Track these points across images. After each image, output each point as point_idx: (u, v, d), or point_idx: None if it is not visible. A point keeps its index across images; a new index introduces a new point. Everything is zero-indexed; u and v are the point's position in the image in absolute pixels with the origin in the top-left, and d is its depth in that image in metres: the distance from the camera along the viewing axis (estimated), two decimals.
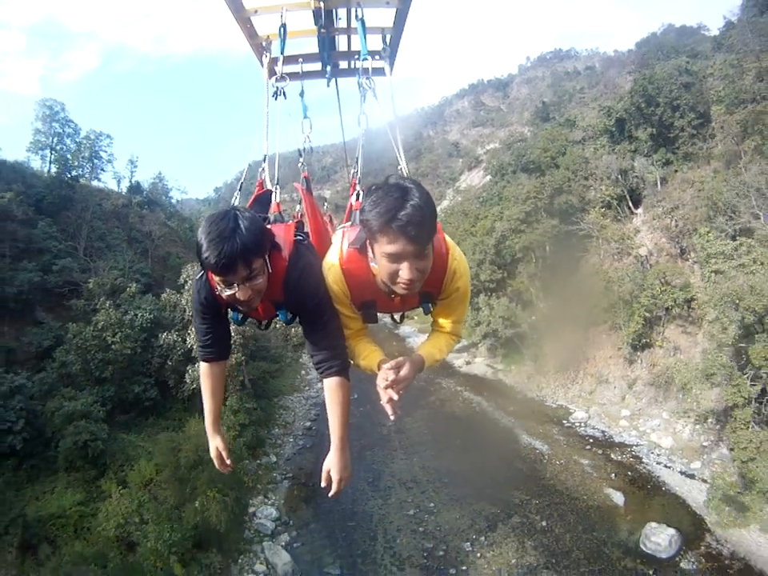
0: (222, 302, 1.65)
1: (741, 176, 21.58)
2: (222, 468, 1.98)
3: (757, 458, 12.28)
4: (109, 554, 10.75)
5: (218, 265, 1.40)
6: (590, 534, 13.96)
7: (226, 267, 1.41)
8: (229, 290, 1.48)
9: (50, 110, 42.94)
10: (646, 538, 13.72)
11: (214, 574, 11.74)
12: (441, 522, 13.95)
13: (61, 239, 31.07)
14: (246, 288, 1.48)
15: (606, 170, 32.42)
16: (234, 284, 1.47)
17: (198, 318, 1.80)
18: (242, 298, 1.49)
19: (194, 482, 12.53)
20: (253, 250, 1.44)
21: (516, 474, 16.48)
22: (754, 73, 32.92)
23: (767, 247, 14.78)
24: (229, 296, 1.51)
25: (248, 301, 1.52)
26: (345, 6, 2.46)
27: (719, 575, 12.98)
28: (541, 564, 12.62)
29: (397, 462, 17.47)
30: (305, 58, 2.68)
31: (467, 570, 12.41)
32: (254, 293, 1.51)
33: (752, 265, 14.15)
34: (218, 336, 1.83)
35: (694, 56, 50.26)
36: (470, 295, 1.77)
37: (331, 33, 2.60)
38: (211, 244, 1.40)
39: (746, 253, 14.87)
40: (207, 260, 1.41)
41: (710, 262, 16.13)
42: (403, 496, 15.41)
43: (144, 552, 10.64)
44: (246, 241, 1.41)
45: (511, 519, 13.80)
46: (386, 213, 1.35)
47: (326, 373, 1.67)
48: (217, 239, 1.39)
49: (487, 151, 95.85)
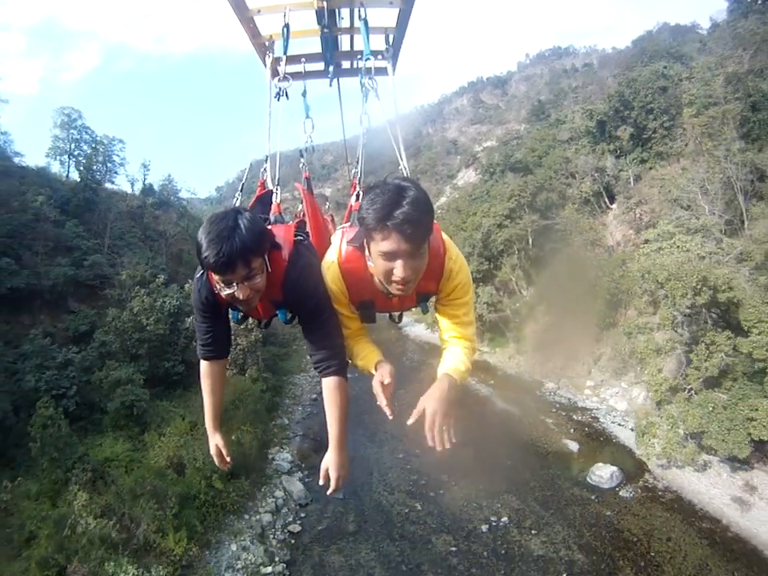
0: (223, 301, 1.68)
1: (690, 174, 24.92)
2: (222, 465, 2.04)
3: (671, 401, 15.65)
4: (164, 472, 14.27)
5: (217, 264, 1.44)
6: (546, 470, 17.42)
7: (225, 266, 1.44)
8: (228, 289, 1.51)
9: (67, 117, 46.41)
10: (592, 474, 17.16)
11: (244, 495, 15.28)
12: (424, 462, 17.42)
13: (87, 238, 34.70)
14: (245, 287, 1.51)
15: (584, 168, 35.82)
16: (233, 283, 1.50)
17: (199, 317, 1.83)
18: (240, 298, 1.52)
19: (229, 422, 16.07)
20: (252, 249, 1.47)
21: (490, 429, 19.93)
22: (723, 78, 36.08)
23: (691, 235, 18.14)
24: (228, 295, 1.54)
25: (247, 300, 1.55)
26: (348, 6, 2.49)
27: (652, 502, 16.37)
28: (503, 490, 16.10)
29: (390, 423, 20.95)
30: (307, 57, 2.72)
31: (443, 493, 15.94)
32: (252, 292, 1.54)
33: (668, 248, 17.47)
34: (218, 335, 1.85)
35: (679, 57, 53.41)
36: (472, 293, 1.76)
37: (334, 33, 2.64)
38: (211, 243, 1.43)
39: (668, 238, 18.23)
40: (206, 259, 1.45)
41: (641, 248, 19.51)
42: (394, 445, 18.92)
43: (192, 471, 14.12)
44: (245, 240, 1.44)
45: (483, 460, 17.23)
46: (381, 210, 1.38)
47: (324, 372, 1.70)
48: (216, 239, 1.43)
49: (484, 149, 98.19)
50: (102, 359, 23.67)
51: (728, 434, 13.92)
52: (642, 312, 17.92)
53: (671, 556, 13.77)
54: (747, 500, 16.25)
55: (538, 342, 28.93)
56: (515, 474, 17.07)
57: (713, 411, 14.20)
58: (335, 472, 1.72)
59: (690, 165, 31.39)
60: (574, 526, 14.43)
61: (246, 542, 13.67)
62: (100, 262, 30.66)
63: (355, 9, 2.38)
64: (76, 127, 48.00)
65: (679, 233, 18.51)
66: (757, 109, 26.98)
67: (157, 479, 13.59)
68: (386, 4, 2.34)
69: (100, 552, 10.46)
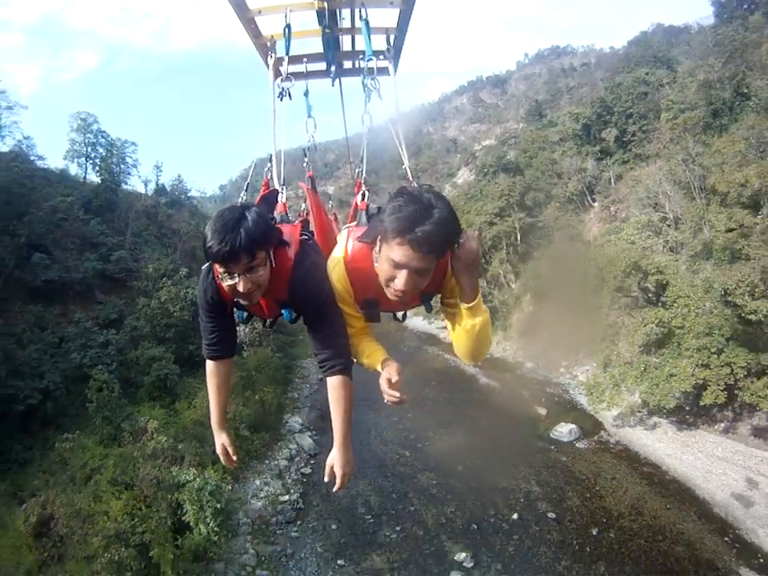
0: (228, 300, 1.72)
1: (656, 176, 28.30)
2: (229, 464, 2.11)
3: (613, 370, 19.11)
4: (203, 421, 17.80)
5: (221, 252, 1.46)
6: (516, 429, 20.92)
7: (228, 255, 1.47)
8: (230, 280, 1.54)
9: (84, 121, 49.89)
10: (555, 431, 20.65)
11: (265, 445, 18.87)
12: (414, 423, 20.98)
13: (110, 235, 38.35)
14: (246, 279, 1.53)
15: (568, 169, 39.22)
16: (235, 274, 1.52)
17: (204, 317, 1.86)
18: (241, 290, 1.54)
19: (254, 385, 19.66)
20: (256, 240, 1.49)
21: (472, 397, 23.44)
22: (696, 85, 39.26)
23: (638, 230, 21.46)
24: (229, 286, 1.57)
25: (248, 293, 1.58)
26: (349, 7, 2.53)
27: (602, 452, 19.81)
28: (478, 442, 19.58)
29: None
30: (309, 58, 2.75)
31: (429, 444, 19.50)
32: (254, 285, 1.56)
33: (617, 241, 20.80)
34: (223, 335, 1.89)
35: (667, 61, 56.46)
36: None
37: (335, 33, 2.68)
38: (215, 233, 1.48)
39: (619, 231, 21.55)
40: (210, 248, 1.50)
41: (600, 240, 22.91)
42: (390, 412, 22.41)
43: None
44: (249, 231, 1.48)
45: (463, 421, 20.75)
46: (406, 221, 1.38)
47: (329, 371, 1.73)
48: (221, 229, 1.48)
49: (483, 147, 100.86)
50: (133, 342, 27.27)
51: (656, 388, 17.30)
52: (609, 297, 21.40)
53: (613, 490, 17.19)
54: (686, 452, 19.64)
55: (522, 329, 32.38)
56: (490, 431, 20.57)
57: (645, 371, 17.54)
58: (340, 470, 1.76)
59: (664, 165, 34.81)
60: (534, 468, 17.92)
61: (267, 479, 17.29)
62: (125, 257, 34.24)
63: (356, 9, 2.44)
64: (92, 131, 51.33)
65: (635, 228, 21.80)
66: (717, 115, 30.27)
67: (198, 426, 17.15)
68: (386, 4, 2.40)
69: (165, 462, 14.03)
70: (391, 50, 2.56)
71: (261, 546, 14.42)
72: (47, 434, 20.31)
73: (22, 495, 16.61)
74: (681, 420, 20.44)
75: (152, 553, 11.70)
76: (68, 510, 12.88)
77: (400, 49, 2.65)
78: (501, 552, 14.04)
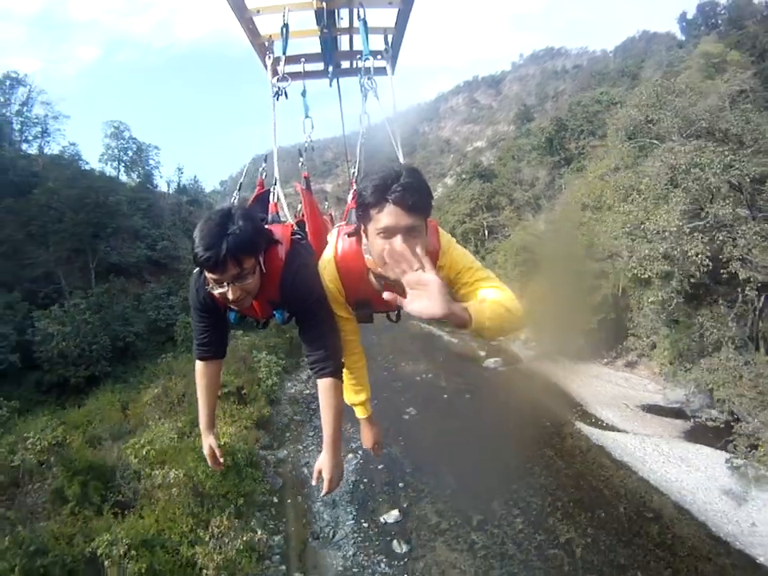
0: (220, 302, 1.79)
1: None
2: (216, 466, 2.25)
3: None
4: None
5: (208, 262, 1.54)
6: (460, 362, 31.78)
7: (216, 265, 1.54)
8: (219, 288, 1.63)
9: (116, 129, 60.36)
10: (486, 362, 31.56)
11: (293, 368, 29.75)
12: (404, 372, 31.71)
13: (151, 228, 49.12)
14: (236, 288, 1.62)
15: (527, 177, 50.16)
16: (224, 283, 1.61)
17: (196, 317, 1.98)
18: (231, 298, 1.63)
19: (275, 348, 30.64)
20: (243, 249, 1.56)
21: (435, 351, 34.37)
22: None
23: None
24: (220, 294, 1.66)
25: (238, 300, 1.67)
26: (347, 6, 2.65)
27: (514, 373, 30.14)
28: (434, 370, 30.48)
29: (377, 363, 35.19)
30: (307, 57, 2.90)
31: (394, 370, 30.45)
32: (243, 293, 1.65)
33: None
34: (214, 336, 2.01)
35: (633, 76, 67.04)
36: (474, 260, 1.80)
37: (333, 33, 2.81)
38: (202, 242, 1.55)
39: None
40: (198, 257, 1.56)
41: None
42: (384, 368, 33.29)
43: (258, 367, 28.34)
44: (236, 240, 1.54)
45: (429, 365, 31.65)
46: (381, 185, 1.48)
47: (319, 373, 1.84)
48: (207, 237, 1.54)
49: (474, 149, 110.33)
50: (185, 309, 38.03)
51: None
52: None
53: (517, 396, 28.04)
54: (574, 372, 30.58)
55: None
56: (445, 364, 31.44)
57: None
58: (328, 474, 1.86)
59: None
60: (465, 379, 28.53)
61: (294, 382, 28.06)
62: (168, 246, 44.87)
63: (354, 9, 2.55)
64: (124, 138, 61.84)
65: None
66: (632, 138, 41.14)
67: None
68: (384, 4, 2.52)
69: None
70: (389, 50, 2.73)
71: None
72: (137, 363, 30.88)
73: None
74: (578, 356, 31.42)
75: (244, 391, 21.96)
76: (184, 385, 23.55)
77: (398, 49, 2.81)
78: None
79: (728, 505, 15.01)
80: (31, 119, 49.60)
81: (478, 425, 21.26)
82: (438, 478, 17.26)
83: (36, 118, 49.73)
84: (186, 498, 10.72)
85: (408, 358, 31.47)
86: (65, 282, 31.43)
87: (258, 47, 2.79)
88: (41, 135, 52.41)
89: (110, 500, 10.98)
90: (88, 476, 11.33)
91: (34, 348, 24.42)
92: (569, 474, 17.37)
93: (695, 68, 39.87)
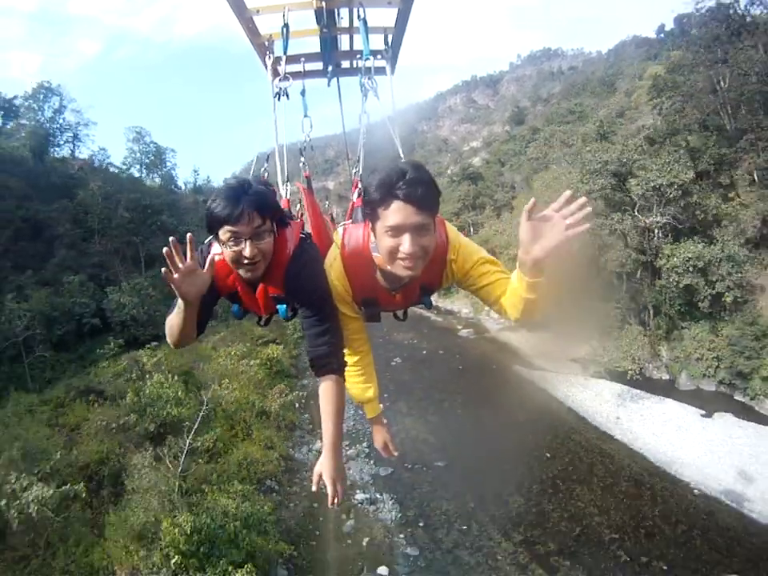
0: (221, 287, 1.84)
1: None
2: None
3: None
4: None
5: (231, 214, 1.57)
6: (442, 333, 40.03)
7: (239, 215, 1.57)
8: (235, 246, 1.63)
9: (138, 134, 68.19)
10: (460, 332, 39.92)
11: None
12: (395, 339, 39.87)
13: (177, 224, 57.60)
14: (253, 245, 1.62)
15: (506, 181, 58.34)
16: (241, 239, 1.61)
17: None
18: (247, 255, 1.62)
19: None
20: (263, 202, 1.63)
21: (429, 331, 42.82)
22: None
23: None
24: (234, 253, 1.65)
25: (253, 262, 1.66)
26: (347, 6, 2.69)
27: (482, 340, 38.15)
28: (416, 337, 38.76)
29: (372, 333, 43.71)
30: (307, 57, 2.94)
31: (404, 350, 38.87)
32: (259, 253, 1.65)
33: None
34: (199, 319, 1.96)
35: (611, 86, 74.62)
36: (482, 252, 1.84)
37: (333, 33, 2.85)
38: (223, 199, 1.60)
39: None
40: (218, 213, 1.60)
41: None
42: (379, 336, 41.67)
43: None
44: (256, 196, 1.61)
45: (419, 340, 40.09)
46: (388, 182, 1.50)
47: (321, 371, 1.82)
48: (226, 194, 1.61)
49: (470, 149, 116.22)
50: None
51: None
52: None
53: (477, 351, 36.32)
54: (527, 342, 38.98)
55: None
56: (427, 334, 39.67)
57: None
58: (329, 478, 1.81)
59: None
60: (441, 343, 36.45)
61: None
62: (199, 240, 52.88)
63: (354, 9, 2.59)
64: (146, 143, 69.50)
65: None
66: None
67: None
68: (384, 4, 2.55)
69: None
70: (389, 49, 2.77)
71: None
72: None
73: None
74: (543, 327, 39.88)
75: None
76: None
77: (398, 49, 2.84)
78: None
79: (603, 408, 23.65)
80: (63, 126, 56.35)
81: (443, 368, 29.93)
82: (409, 396, 25.82)
83: (68, 124, 56.61)
84: (257, 374, 19.49)
85: (398, 330, 39.97)
86: (119, 267, 39.93)
87: (258, 47, 2.87)
88: (71, 140, 59.73)
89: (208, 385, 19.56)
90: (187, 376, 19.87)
91: (107, 315, 32.84)
92: (502, 395, 25.87)
93: (645, 88, 48.17)
